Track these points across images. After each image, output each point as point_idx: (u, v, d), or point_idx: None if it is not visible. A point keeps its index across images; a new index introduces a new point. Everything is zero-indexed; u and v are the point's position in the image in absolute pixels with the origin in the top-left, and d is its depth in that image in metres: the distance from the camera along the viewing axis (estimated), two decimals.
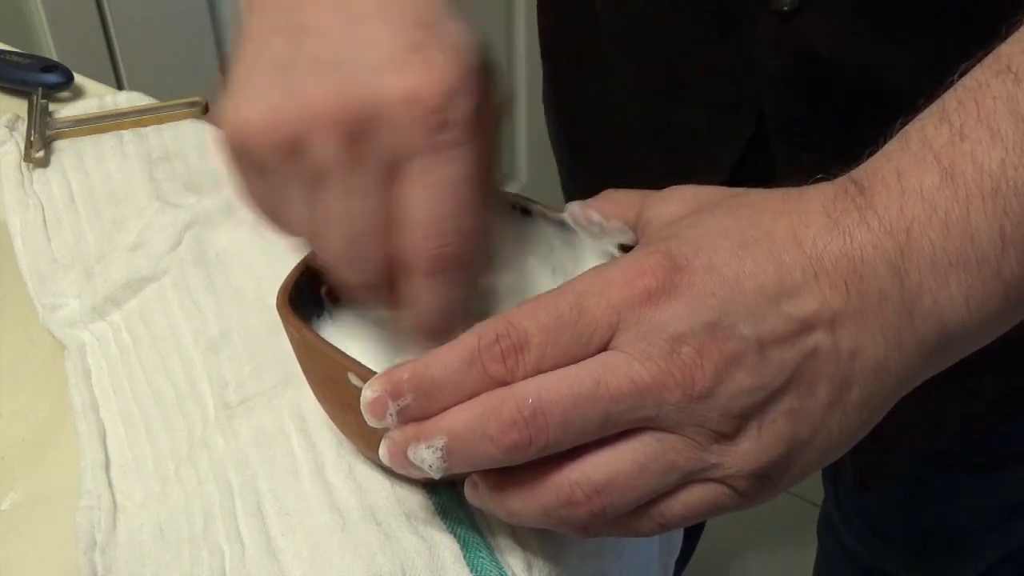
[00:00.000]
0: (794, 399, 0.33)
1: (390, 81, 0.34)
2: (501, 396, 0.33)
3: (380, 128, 0.34)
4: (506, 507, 0.36)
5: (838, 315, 0.33)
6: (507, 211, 0.45)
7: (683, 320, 0.32)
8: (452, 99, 0.34)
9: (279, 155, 0.35)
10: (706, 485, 0.34)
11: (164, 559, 0.42)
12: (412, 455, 0.34)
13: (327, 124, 0.34)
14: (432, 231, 0.36)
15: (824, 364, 0.33)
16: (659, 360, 0.32)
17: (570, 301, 0.33)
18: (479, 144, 0.35)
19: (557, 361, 0.33)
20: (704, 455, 0.33)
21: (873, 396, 0.34)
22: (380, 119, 0.34)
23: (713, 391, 0.32)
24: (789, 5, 0.50)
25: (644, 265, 0.33)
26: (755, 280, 0.33)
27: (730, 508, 0.35)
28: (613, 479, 0.33)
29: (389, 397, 0.34)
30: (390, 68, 0.35)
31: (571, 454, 0.34)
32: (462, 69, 0.35)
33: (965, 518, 0.74)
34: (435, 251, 0.36)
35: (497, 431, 0.33)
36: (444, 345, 0.34)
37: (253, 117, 0.35)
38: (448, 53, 0.35)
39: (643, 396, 0.32)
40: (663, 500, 0.35)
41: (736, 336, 0.32)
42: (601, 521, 0.35)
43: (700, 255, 0.33)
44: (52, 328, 0.55)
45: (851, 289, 0.33)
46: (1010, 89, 0.33)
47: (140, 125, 0.67)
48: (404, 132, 0.34)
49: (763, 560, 1.49)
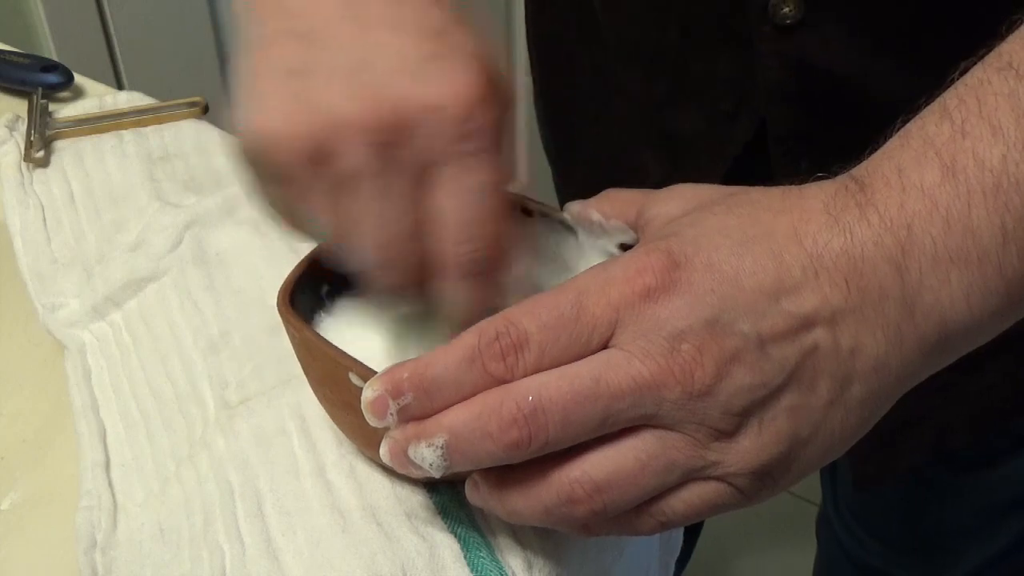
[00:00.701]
0: (795, 396, 0.33)
1: (415, 90, 0.35)
2: (501, 394, 0.33)
3: (408, 135, 0.35)
4: (507, 505, 0.36)
5: (838, 312, 0.33)
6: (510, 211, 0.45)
7: (683, 318, 0.33)
8: (477, 109, 0.35)
9: (304, 163, 0.35)
10: (707, 483, 0.34)
11: (164, 559, 0.42)
12: (413, 454, 0.34)
13: (356, 131, 0.35)
14: (464, 236, 0.36)
15: (825, 361, 0.33)
16: (659, 358, 0.32)
17: (570, 299, 0.34)
18: (499, 152, 0.36)
19: (557, 359, 0.33)
20: (704, 453, 0.33)
21: (874, 394, 0.34)
22: (408, 127, 0.35)
23: (713, 388, 0.32)
24: (791, 19, 0.50)
25: (644, 263, 0.33)
26: (755, 278, 0.33)
27: (731, 506, 0.35)
28: (613, 477, 0.34)
29: (390, 396, 0.34)
30: (411, 77, 0.35)
31: (572, 452, 0.34)
32: (483, 79, 0.35)
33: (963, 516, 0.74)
34: (468, 255, 0.36)
35: (497, 429, 0.33)
36: (444, 344, 0.34)
37: (276, 126, 0.35)
38: (466, 62, 0.35)
39: (643, 394, 0.32)
40: (663, 498, 0.35)
41: (736, 333, 0.33)
42: (601, 519, 0.35)
43: (700, 253, 0.34)
44: (52, 328, 0.55)
45: (851, 286, 0.33)
46: (1011, 86, 0.33)
47: (140, 125, 0.67)
48: (431, 140, 0.35)
49: (762, 560, 1.49)
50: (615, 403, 0.33)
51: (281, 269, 0.43)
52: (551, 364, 0.33)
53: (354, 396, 0.35)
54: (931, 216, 0.33)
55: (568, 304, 0.33)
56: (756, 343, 0.33)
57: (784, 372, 0.33)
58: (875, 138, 0.36)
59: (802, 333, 0.33)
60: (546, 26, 0.72)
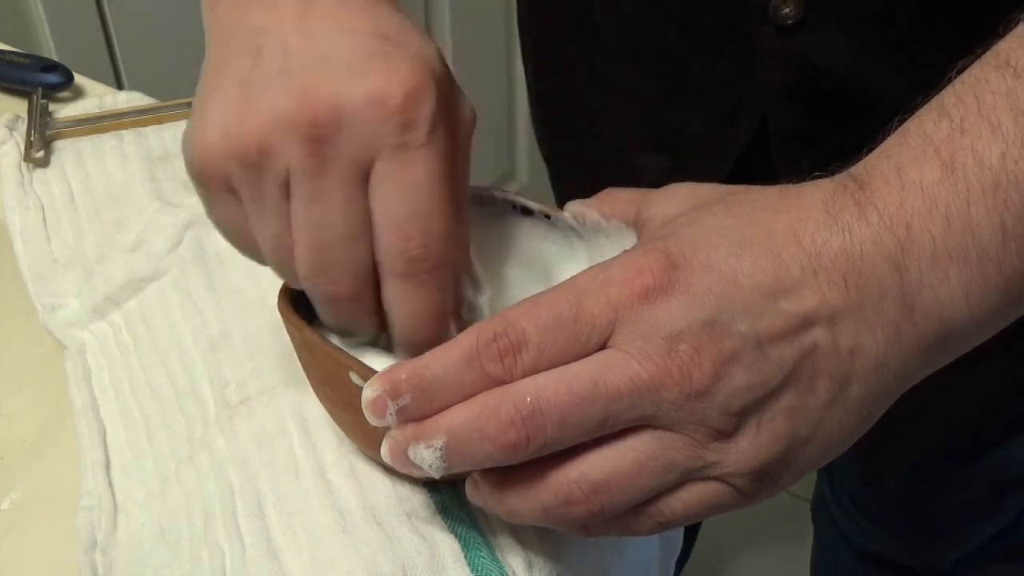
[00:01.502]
0: (793, 396, 0.33)
1: (353, 85, 0.34)
2: (499, 395, 0.33)
3: (344, 131, 0.35)
4: (506, 505, 0.36)
5: (837, 312, 0.33)
6: (508, 211, 0.45)
7: (680, 318, 0.32)
8: (414, 101, 0.35)
9: (243, 166, 0.35)
10: (706, 483, 0.34)
11: (164, 559, 0.42)
12: (412, 455, 0.34)
13: (289, 128, 0.34)
14: (401, 232, 0.36)
15: (823, 361, 0.33)
16: (657, 359, 0.32)
17: (569, 299, 0.33)
18: (444, 147, 0.36)
19: (555, 360, 0.33)
20: (703, 453, 0.33)
21: (873, 393, 0.34)
22: (343, 121, 0.34)
23: (711, 389, 0.32)
24: (792, 18, 0.50)
25: (642, 263, 0.33)
26: (753, 278, 0.33)
27: (730, 507, 0.35)
28: (612, 477, 0.34)
29: (388, 397, 0.34)
30: (352, 74, 0.35)
31: (570, 453, 0.34)
32: (423, 73, 0.35)
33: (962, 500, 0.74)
34: (405, 253, 0.36)
35: (495, 431, 0.33)
36: (443, 344, 0.34)
37: (215, 133, 0.35)
38: (410, 60, 0.35)
39: (641, 394, 0.32)
40: (662, 499, 0.35)
41: (734, 334, 0.32)
42: (600, 520, 0.35)
43: (698, 253, 0.33)
44: (52, 328, 0.55)
45: (850, 285, 0.33)
46: (1009, 84, 0.33)
47: (140, 125, 0.67)
48: (368, 134, 0.35)
49: (762, 559, 1.49)
50: (613, 404, 0.33)
51: None
52: (549, 364, 0.33)
53: (355, 396, 0.35)
54: (930, 214, 0.33)
55: (567, 304, 0.33)
56: (754, 343, 0.33)
57: (782, 372, 0.33)
58: (876, 137, 0.36)
59: (801, 333, 0.33)
60: (543, 26, 0.72)
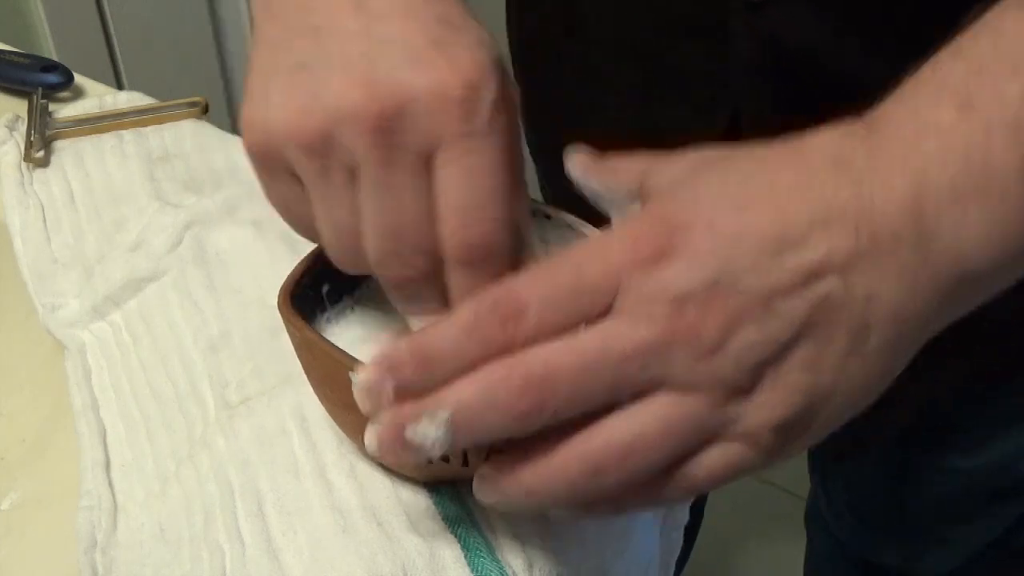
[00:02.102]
0: (810, 348, 0.33)
1: (416, 76, 0.34)
2: (509, 364, 0.33)
3: (409, 122, 0.34)
4: (527, 488, 0.35)
5: (850, 261, 0.32)
6: None
7: (685, 280, 0.32)
8: (476, 92, 0.35)
9: (308, 155, 0.35)
10: (729, 444, 0.34)
11: (164, 559, 0.42)
12: (412, 433, 0.33)
13: (357, 120, 0.34)
14: (464, 219, 0.35)
15: (838, 311, 0.33)
16: (663, 321, 0.32)
17: (570, 266, 0.33)
18: (505, 133, 0.36)
19: (558, 327, 0.33)
20: (723, 410, 0.33)
21: (892, 343, 0.34)
22: (409, 113, 0.34)
23: (721, 346, 0.32)
24: None
25: (642, 228, 0.33)
26: (757, 234, 0.33)
27: (753, 467, 0.35)
28: (639, 441, 0.33)
29: (388, 373, 0.33)
30: (415, 64, 0.35)
31: (589, 423, 0.33)
32: (485, 60, 0.35)
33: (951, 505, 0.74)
34: (468, 239, 0.36)
35: (505, 399, 0.32)
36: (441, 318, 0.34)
37: (279, 119, 0.35)
38: (471, 47, 0.35)
39: (651, 357, 0.32)
40: (686, 463, 0.34)
41: (740, 291, 0.32)
42: (630, 492, 0.34)
43: (701, 214, 0.33)
44: (52, 328, 0.55)
45: (862, 233, 0.32)
46: None
47: (140, 125, 0.67)
48: (432, 123, 0.35)
49: (762, 559, 1.49)
50: (624, 367, 0.32)
51: (281, 269, 0.43)
52: (552, 331, 0.33)
53: None
54: (947, 154, 0.32)
55: (567, 271, 0.33)
56: (761, 299, 0.32)
57: (794, 326, 0.33)
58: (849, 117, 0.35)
59: (810, 285, 0.32)
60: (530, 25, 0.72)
